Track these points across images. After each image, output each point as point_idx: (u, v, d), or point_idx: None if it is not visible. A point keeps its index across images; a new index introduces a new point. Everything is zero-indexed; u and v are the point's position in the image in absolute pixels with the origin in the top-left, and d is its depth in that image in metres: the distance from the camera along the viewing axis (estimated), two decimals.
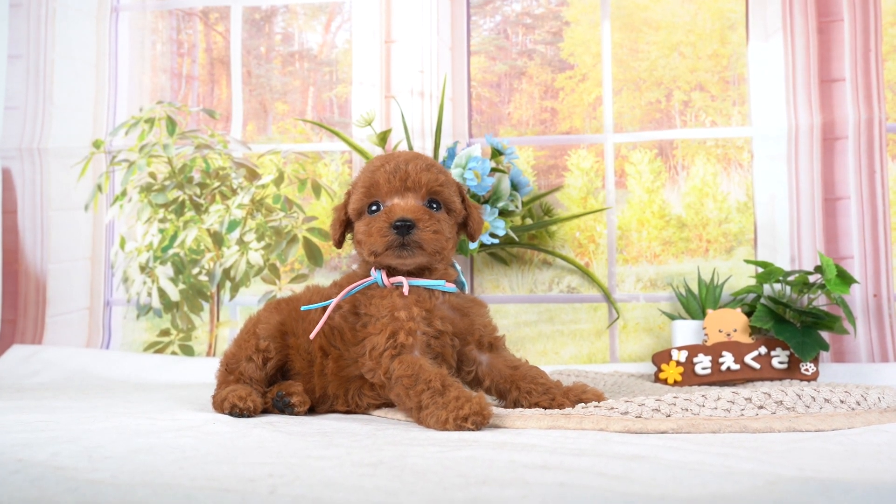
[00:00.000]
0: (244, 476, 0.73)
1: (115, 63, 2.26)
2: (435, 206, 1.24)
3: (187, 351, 2.12)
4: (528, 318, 2.03)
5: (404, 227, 1.18)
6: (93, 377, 1.93)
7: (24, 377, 1.93)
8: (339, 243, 1.32)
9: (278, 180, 2.14)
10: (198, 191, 2.16)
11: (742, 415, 1.11)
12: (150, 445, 0.92)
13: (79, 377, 1.92)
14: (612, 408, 1.12)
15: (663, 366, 1.73)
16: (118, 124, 2.23)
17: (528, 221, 2.01)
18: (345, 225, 1.32)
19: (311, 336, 1.27)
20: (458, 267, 1.35)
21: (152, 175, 2.18)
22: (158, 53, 2.26)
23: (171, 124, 2.21)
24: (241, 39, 2.23)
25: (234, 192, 2.15)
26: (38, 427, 1.08)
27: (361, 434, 1.03)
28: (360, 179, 1.27)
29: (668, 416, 1.11)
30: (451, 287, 1.27)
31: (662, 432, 1.06)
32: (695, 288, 1.94)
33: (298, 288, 2.09)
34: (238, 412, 1.22)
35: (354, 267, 1.50)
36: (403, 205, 1.21)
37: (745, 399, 1.14)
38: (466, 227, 1.33)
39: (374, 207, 1.24)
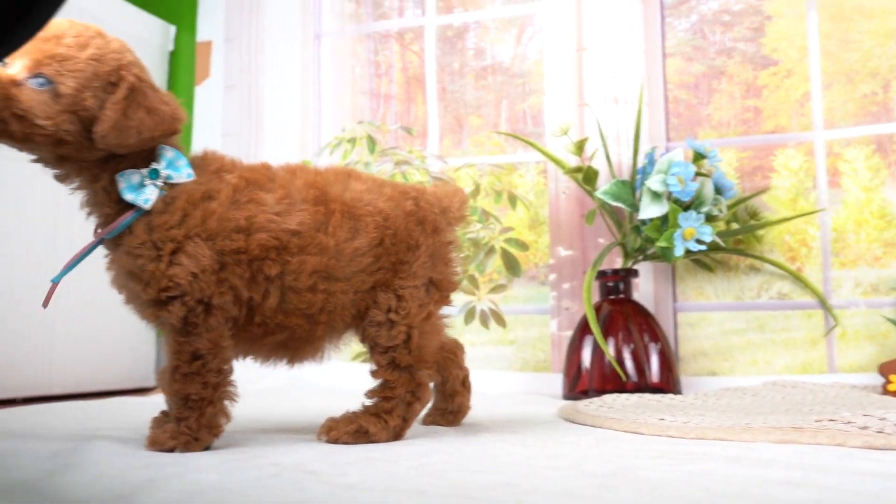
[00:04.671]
0: (483, 484, 0.74)
1: (319, 87, 2.39)
2: (44, 80, 0.93)
3: None
4: (735, 326, 1.95)
5: None
6: (309, 384, 2.04)
7: (249, 382, 2.07)
8: None
9: (475, 192, 2.17)
10: None
11: None
12: (381, 451, 0.96)
13: (297, 384, 2.03)
14: (849, 422, 1.05)
15: (892, 377, 1.61)
16: (323, 145, 2.35)
17: (734, 226, 1.93)
18: None
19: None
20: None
21: None
22: (358, 75, 2.36)
23: (372, 142, 2.30)
24: (435, 57, 2.29)
25: None
26: (278, 431, 1.15)
27: (585, 445, 1.02)
28: None
29: None
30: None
31: None
32: None
33: (497, 299, 2.12)
34: None
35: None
36: None
37: None
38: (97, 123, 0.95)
39: None
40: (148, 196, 0.97)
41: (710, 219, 1.82)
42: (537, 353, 2.07)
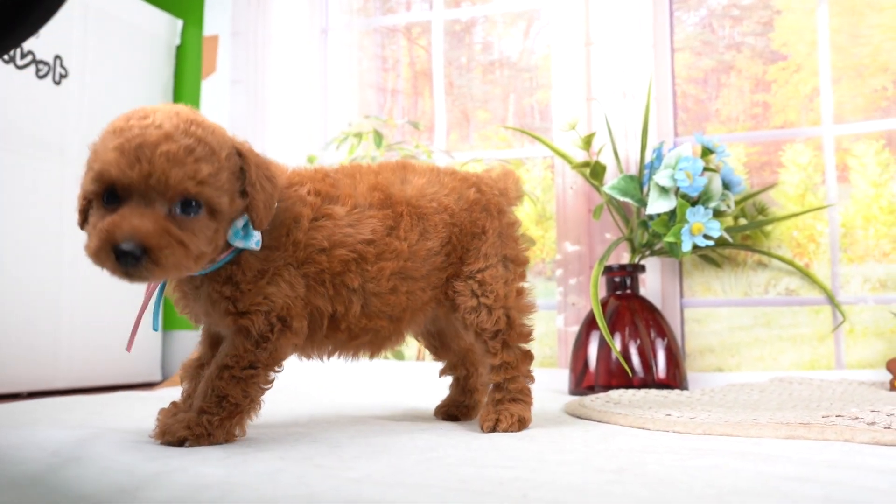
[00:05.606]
0: (491, 479, 0.74)
1: (326, 81, 2.38)
2: (194, 204, 0.88)
3: (398, 356, 2.19)
4: (742, 322, 1.94)
5: (128, 257, 0.84)
6: (316, 380, 2.04)
7: None
8: (82, 224, 0.95)
9: None
10: None
11: None
12: (387, 445, 0.96)
13: (305, 380, 2.03)
14: (857, 417, 1.05)
15: None
16: (329, 139, 2.35)
17: (742, 221, 1.92)
18: (89, 204, 0.93)
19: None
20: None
21: None
22: (365, 70, 2.36)
23: (378, 137, 2.30)
24: (442, 51, 2.28)
25: None
26: (286, 427, 1.15)
27: (592, 440, 1.02)
28: (94, 151, 0.91)
29: None
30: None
31: None
32: None
33: None
34: None
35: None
36: (136, 221, 0.84)
37: None
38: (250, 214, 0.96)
39: (110, 198, 0.88)
40: (258, 238, 0.97)
41: (717, 214, 1.81)
42: (543, 348, 2.07)
